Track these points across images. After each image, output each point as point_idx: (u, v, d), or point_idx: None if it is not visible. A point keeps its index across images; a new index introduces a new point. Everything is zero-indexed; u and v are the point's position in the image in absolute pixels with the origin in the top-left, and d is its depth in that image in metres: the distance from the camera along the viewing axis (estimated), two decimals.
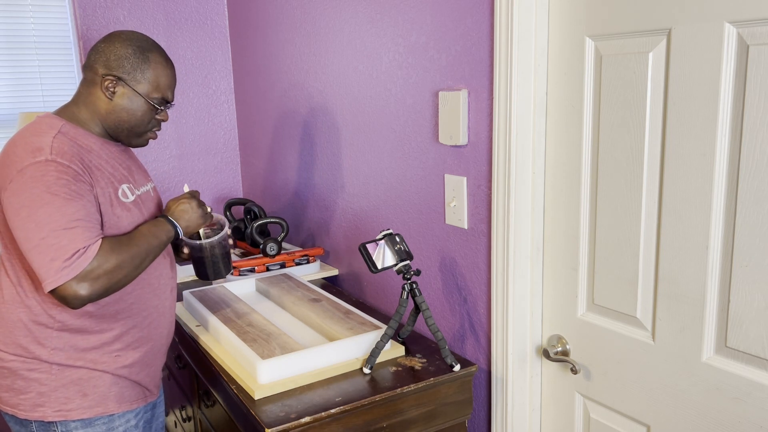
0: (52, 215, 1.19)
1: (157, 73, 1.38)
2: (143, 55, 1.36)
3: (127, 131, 1.40)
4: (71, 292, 1.18)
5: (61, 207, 1.20)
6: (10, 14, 2.38)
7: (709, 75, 1.08)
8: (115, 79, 1.35)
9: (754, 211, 1.05)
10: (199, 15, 2.67)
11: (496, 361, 1.52)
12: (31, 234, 1.20)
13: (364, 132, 1.93)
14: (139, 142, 1.44)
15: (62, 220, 1.19)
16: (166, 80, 1.40)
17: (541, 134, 1.40)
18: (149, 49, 1.38)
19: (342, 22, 1.95)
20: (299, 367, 1.43)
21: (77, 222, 1.21)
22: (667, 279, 1.20)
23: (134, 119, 1.38)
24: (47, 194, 1.20)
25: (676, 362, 1.21)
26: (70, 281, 1.18)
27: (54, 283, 1.17)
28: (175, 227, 1.39)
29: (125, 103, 1.36)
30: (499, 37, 1.36)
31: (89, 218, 1.24)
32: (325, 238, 2.26)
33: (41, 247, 1.18)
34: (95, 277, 1.20)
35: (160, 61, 1.39)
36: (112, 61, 1.35)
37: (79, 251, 1.19)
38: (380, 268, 1.46)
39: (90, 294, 1.20)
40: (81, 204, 1.23)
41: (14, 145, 1.27)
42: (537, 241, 1.44)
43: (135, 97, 1.36)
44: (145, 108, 1.38)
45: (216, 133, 2.80)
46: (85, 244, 1.20)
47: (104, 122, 1.38)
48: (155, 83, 1.38)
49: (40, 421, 1.35)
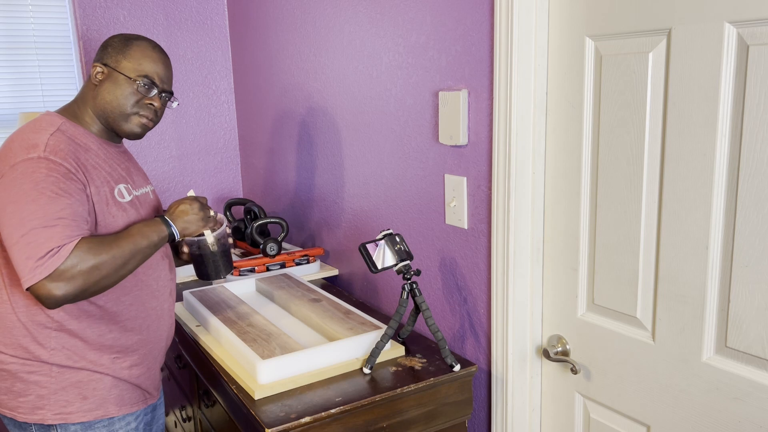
0: (36, 212, 1.19)
1: (138, 55, 1.39)
2: (127, 41, 1.40)
3: (113, 114, 1.38)
4: (45, 292, 1.17)
5: (46, 205, 1.20)
6: (10, 14, 2.38)
7: (709, 75, 1.08)
8: (101, 66, 1.39)
9: (754, 211, 1.05)
10: (199, 15, 2.67)
11: (496, 361, 1.51)
12: (14, 230, 1.19)
13: (364, 132, 1.93)
14: (129, 127, 1.40)
15: (44, 218, 1.19)
16: (151, 63, 1.40)
17: (541, 134, 1.40)
18: (135, 37, 1.42)
19: (342, 22, 1.95)
20: (299, 367, 1.43)
21: (58, 221, 1.19)
22: (667, 279, 1.20)
23: (116, 99, 1.37)
24: (34, 191, 1.20)
25: (676, 362, 1.21)
26: (43, 281, 1.16)
27: (28, 281, 1.16)
28: (169, 227, 1.36)
29: (108, 84, 1.38)
30: (499, 37, 1.36)
31: (74, 217, 1.22)
32: (325, 238, 2.26)
33: (20, 244, 1.18)
34: (70, 277, 1.18)
35: (144, 45, 1.41)
36: (101, 51, 1.41)
37: (53, 250, 1.17)
38: (380, 268, 1.46)
39: (65, 294, 1.18)
40: (67, 202, 1.22)
41: (12, 141, 1.28)
42: (537, 241, 1.44)
43: (117, 77, 1.38)
44: (127, 87, 1.37)
45: (216, 133, 2.80)
46: (60, 243, 1.18)
47: (95, 112, 1.39)
48: (137, 63, 1.38)
49: (40, 424, 1.34)
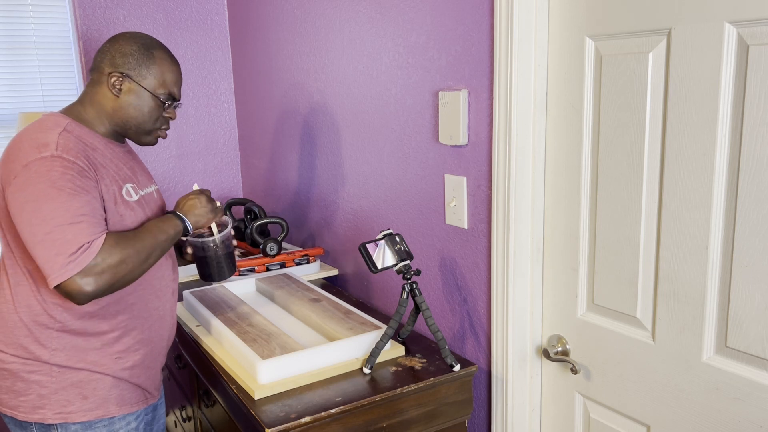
0: (57, 210, 1.19)
1: (162, 69, 1.39)
2: (148, 52, 1.38)
3: (136, 128, 1.40)
4: (76, 287, 1.18)
5: (66, 202, 1.20)
6: (10, 14, 2.38)
7: (709, 75, 1.08)
8: (122, 76, 1.36)
9: (754, 211, 1.05)
10: (199, 15, 2.67)
11: (496, 361, 1.51)
12: (36, 229, 1.19)
13: (364, 132, 1.93)
14: (148, 140, 1.45)
15: (67, 215, 1.19)
16: (172, 76, 1.41)
17: (541, 134, 1.40)
18: (154, 47, 1.40)
19: (342, 22, 1.95)
20: (299, 367, 1.43)
21: (82, 217, 1.21)
22: (667, 279, 1.20)
23: (141, 116, 1.39)
24: (52, 189, 1.20)
25: (676, 362, 1.21)
26: (74, 276, 1.17)
27: (59, 278, 1.17)
28: (183, 222, 1.40)
29: (132, 99, 1.37)
30: (499, 37, 1.36)
31: (94, 213, 1.24)
32: (325, 238, 2.26)
33: (46, 242, 1.18)
34: (99, 272, 1.19)
35: (165, 57, 1.40)
36: (118, 58, 1.37)
37: (84, 246, 1.18)
38: (380, 268, 1.46)
39: (95, 289, 1.19)
40: (86, 199, 1.23)
41: (20, 141, 1.28)
42: (537, 241, 1.44)
43: (142, 93, 1.37)
44: (152, 104, 1.39)
45: (216, 133, 2.80)
46: (90, 239, 1.19)
47: (111, 120, 1.39)
48: (161, 79, 1.39)
49: (40, 423, 1.35)
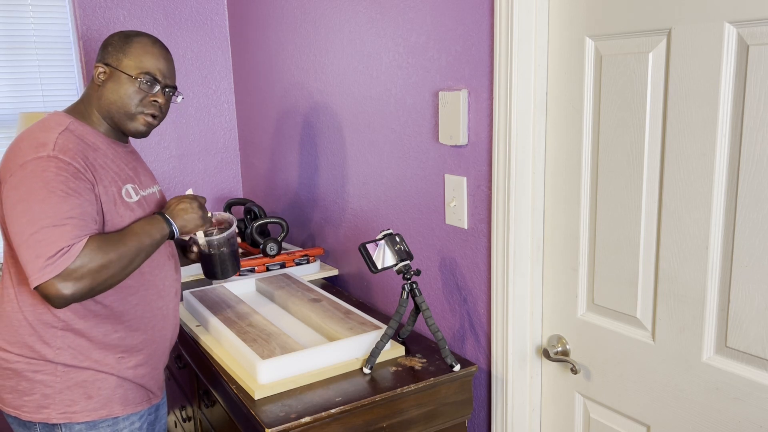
0: (46, 211, 1.19)
1: (139, 51, 1.38)
2: (127, 39, 1.40)
3: (118, 114, 1.39)
4: (54, 291, 1.17)
5: (56, 204, 1.20)
6: (10, 14, 2.38)
7: (709, 75, 1.08)
8: (103, 65, 1.38)
9: (754, 211, 1.05)
10: (199, 15, 2.67)
11: (496, 361, 1.51)
12: (23, 228, 1.19)
13: (364, 132, 1.93)
14: (135, 126, 1.41)
15: (54, 217, 1.19)
16: (153, 59, 1.39)
17: (541, 134, 1.40)
18: (135, 34, 1.41)
19: (342, 22, 1.95)
20: (299, 367, 1.43)
21: (68, 220, 1.20)
22: (667, 279, 1.20)
23: (120, 99, 1.37)
24: (44, 190, 1.20)
25: (676, 362, 1.21)
26: (52, 279, 1.16)
27: (37, 280, 1.16)
28: (170, 225, 1.37)
29: (110, 84, 1.38)
30: (499, 37, 1.36)
31: (83, 216, 1.23)
32: (325, 238, 2.26)
33: (29, 242, 1.18)
34: (79, 276, 1.18)
35: (145, 41, 1.40)
36: (102, 51, 1.40)
37: (63, 249, 1.17)
38: (380, 268, 1.46)
39: (73, 293, 1.18)
40: (77, 202, 1.23)
41: (21, 140, 1.28)
42: (537, 241, 1.44)
43: (119, 76, 1.37)
44: (128, 86, 1.37)
45: (216, 133, 2.80)
46: (70, 243, 1.18)
47: (101, 112, 1.39)
48: (138, 60, 1.38)
49: (44, 423, 1.34)
